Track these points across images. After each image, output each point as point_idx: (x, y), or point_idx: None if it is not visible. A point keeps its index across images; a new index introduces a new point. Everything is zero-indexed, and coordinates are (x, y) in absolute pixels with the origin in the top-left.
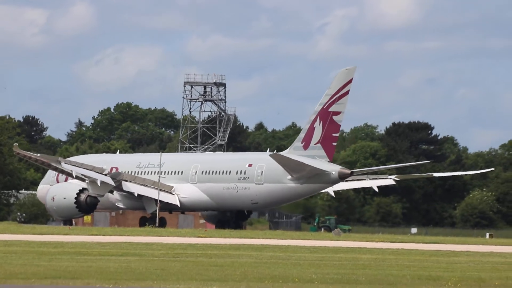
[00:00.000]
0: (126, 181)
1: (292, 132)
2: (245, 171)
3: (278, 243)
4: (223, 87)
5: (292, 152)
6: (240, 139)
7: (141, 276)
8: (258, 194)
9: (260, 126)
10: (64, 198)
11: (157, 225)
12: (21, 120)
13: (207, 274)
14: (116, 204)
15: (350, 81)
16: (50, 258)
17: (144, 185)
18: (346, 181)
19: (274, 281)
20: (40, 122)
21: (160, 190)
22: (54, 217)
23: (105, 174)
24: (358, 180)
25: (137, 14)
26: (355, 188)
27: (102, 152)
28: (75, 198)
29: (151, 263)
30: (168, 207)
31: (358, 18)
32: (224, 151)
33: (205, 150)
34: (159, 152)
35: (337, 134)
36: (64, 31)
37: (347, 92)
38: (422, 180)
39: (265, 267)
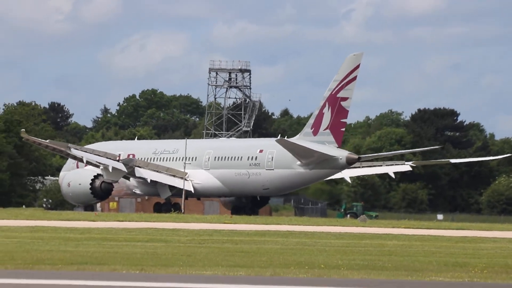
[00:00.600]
0: (140, 167)
1: None
2: (256, 157)
3: (304, 229)
4: (248, 73)
5: (302, 138)
6: (265, 126)
7: (167, 262)
8: (269, 180)
9: (285, 113)
10: (79, 184)
11: (183, 211)
12: (47, 106)
13: (233, 260)
14: (134, 190)
15: (357, 67)
16: (76, 244)
17: (157, 171)
18: (364, 167)
19: (300, 267)
20: (66, 109)
21: (174, 176)
22: (71, 203)
23: (117, 160)
24: (374, 166)
25: (162, 0)
26: (372, 174)
27: (128, 139)
28: (90, 184)
29: (177, 249)
30: (179, 193)
31: (383, 4)
32: (249, 137)
33: (230, 137)
34: (184, 138)
35: (345, 120)
36: (90, 18)
37: (355, 78)
38: (448, 167)
39: (291, 253)
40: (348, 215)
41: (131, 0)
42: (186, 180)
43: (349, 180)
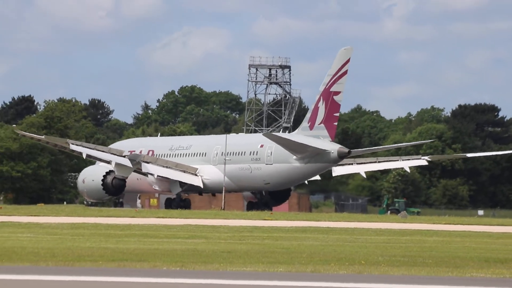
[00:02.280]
0: (148, 162)
1: (357, 114)
2: (257, 152)
3: (344, 225)
4: (288, 69)
5: (300, 132)
6: None
7: (208, 259)
8: (269, 174)
9: None
10: (93, 180)
11: (223, 208)
12: (87, 103)
13: (273, 256)
14: (153, 186)
15: (348, 61)
16: (117, 240)
17: (166, 166)
18: (380, 162)
19: (340, 264)
20: (106, 105)
21: (185, 171)
22: (87, 199)
23: (124, 156)
24: (391, 161)
25: None
26: (385, 169)
27: (168, 135)
28: (102, 180)
29: (217, 246)
30: (192, 189)
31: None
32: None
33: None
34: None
35: (337, 114)
36: (131, 14)
37: (346, 72)
38: (488, 162)
39: (331, 250)
40: (390, 212)
41: None
42: (196, 175)
43: (364, 175)
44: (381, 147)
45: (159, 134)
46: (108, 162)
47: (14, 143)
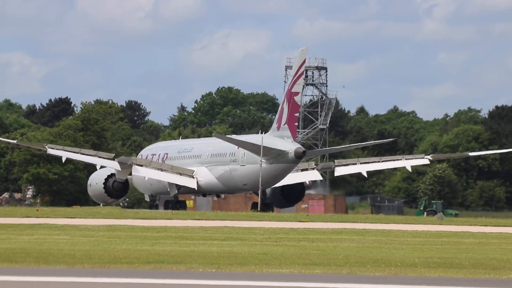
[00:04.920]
0: (141, 165)
1: (394, 116)
2: (234, 153)
3: (380, 227)
4: (325, 71)
5: (271, 133)
6: (341, 123)
7: (244, 261)
8: (244, 176)
9: (361, 110)
10: (96, 184)
11: (260, 209)
12: (124, 105)
13: (309, 258)
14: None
15: (303, 62)
16: (153, 242)
17: (160, 169)
18: (383, 161)
19: (376, 265)
20: (143, 107)
21: (181, 174)
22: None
23: (113, 159)
24: (394, 160)
25: None
26: (389, 168)
27: (205, 137)
28: (103, 183)
29: (253, 248)
30: (187, 190)
31: (464, 0)
32: (326, 135)
33: (307, 135)
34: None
35: (297, 114)
36: (170, 16)
37: (302, 73)
38: None
39: (367, 251)
40: (426, 213)
41: None
42: (192, 177)
43: (365, 175)
44: (338, 147)
45: (180, 137)
46: (95, 166)
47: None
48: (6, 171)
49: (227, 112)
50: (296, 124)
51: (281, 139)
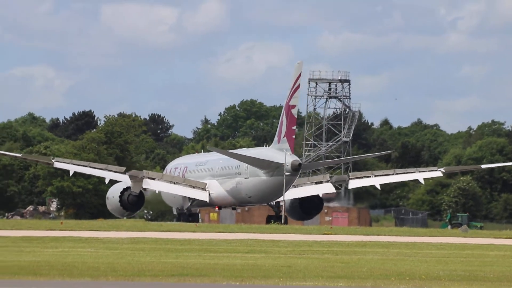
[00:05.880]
0: (153, 179)
1: (417, 128)
2: (239, 166)
3: (404, 240)
4: (348, 83)
5: (272, 146)
6: (365, 136)
7: (268, 274)
8: (247, 188)
9: (385, 123)
10: (113, 197)
11: (281, 221)
12: (147, 118)
13: (333, 271)
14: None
15: (299, 76)
16: (177, 255)
17: (173, 182)
18: (397, 174)
19: (400, 278)
20: (166, 120)
21: (194, 187)
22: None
23: (123, 173)
24: (408, 173)
25: (266, 11)
26: (401, 181)
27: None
28: (119, 197)
29: (277, 260)
30: (200, 203)
31: (489, 12)
32: (349, 148)
33: (330, 147)
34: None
35: (295, 127)
36: (193, 29)
37: (299, 86)
38: None
39: (392, 264)
40: (450, 226)
41: (233, 10)
42: (204, 190)
43: (379, 187)
44: (336, 159)
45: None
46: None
47: (75, 158)
48: (30, 184)
49: (250, 125)
50: (294, 136)
51: (280, 152)
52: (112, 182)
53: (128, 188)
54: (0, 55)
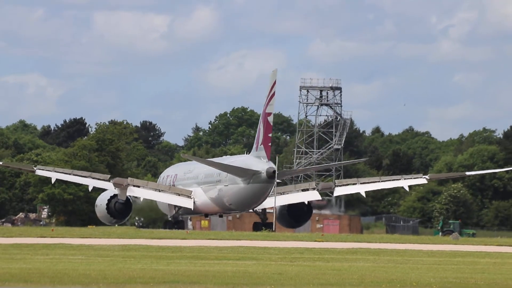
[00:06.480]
0: (138, 186)
1: (409, 136)
2: (219, 174)
3: (395, 247)
4: (339, 91)
5: (252, 154)
6: (356, 143)
7: (259, 281)
8: (228, 195)
9: (376, 130)
10: (100, 205)
11: (274, 229)
12: (139, 125)
13: (324, 278)
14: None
15: (274, 83)
16: (168, 262)
17: (158, 190)
18: (383, 181)
19: (391, 285)
20: (157, 127)
21: (179, 194)
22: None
23: (108, 180)
24: (393, 180)
25: (257, 19)
26: (386, 188)
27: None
28: (106, 204)
29: (268, 267)
30: (186, 211)
31: (481, 20)
32: (340, 155)
33: (321, 155)
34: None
35: (270, 135)
36: (184, 37)
37: (274, 94)
38: None
39: (383, 271)
40: (441, 233)
41: (225, 18)
42: (190, 198)
43: (364, 195)
44: (310, 167)
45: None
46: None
47: (66, 165)
48: (21, 191)
49: (241, 132)
50: (270, 144)
51: (257, 159)
52: (102, 190)
53: (115, 195)
54: None
